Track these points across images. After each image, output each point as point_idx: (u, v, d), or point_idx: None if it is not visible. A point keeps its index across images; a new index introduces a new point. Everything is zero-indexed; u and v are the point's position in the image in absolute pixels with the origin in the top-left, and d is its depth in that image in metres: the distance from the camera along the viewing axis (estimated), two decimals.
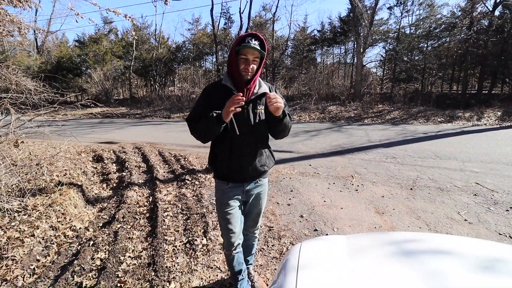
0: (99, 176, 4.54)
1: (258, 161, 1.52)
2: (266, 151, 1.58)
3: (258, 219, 1.75)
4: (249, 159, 1.49)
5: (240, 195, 1.57)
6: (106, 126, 11.30)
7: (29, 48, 23.62)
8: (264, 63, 1.46)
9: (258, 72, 1.42)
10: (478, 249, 1.04)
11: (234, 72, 1.41)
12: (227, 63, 1.52)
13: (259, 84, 1.48)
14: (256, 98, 1.46)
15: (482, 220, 2.76)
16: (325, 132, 8.30)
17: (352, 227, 2.71)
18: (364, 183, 3.88)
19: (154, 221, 2.83)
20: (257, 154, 1.52)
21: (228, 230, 1.56)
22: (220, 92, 1.43)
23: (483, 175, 4.01)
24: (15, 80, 4.28)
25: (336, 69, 19.96)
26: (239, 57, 1.36)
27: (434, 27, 15.35)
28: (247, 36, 1.33)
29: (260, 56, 1.39)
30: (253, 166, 1.50)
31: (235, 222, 1.57)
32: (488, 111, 10.26)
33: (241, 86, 1.41)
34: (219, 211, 1.58)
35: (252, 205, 1.67)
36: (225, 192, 1.54)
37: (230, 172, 1.48)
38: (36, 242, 2.52)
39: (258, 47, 1.32)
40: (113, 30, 24.09)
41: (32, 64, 20.20)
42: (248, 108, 1.44)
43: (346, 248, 1.13)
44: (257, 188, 1.61)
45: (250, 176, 1.53)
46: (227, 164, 1.47)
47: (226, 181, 1.52)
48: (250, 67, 1.36)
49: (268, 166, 1.59)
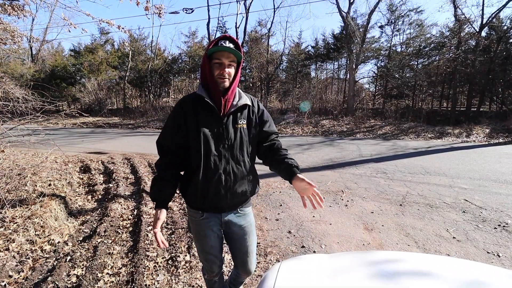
0: (85, 188, 4.41)
1: (239, 186, 1.28)
2: (249, 175, 1.32)
3: (247, 259, 1.43)
4: (228, 184, 1.25)
5: (218, 226, 1.34)
6: (97, 136, 11.15)
7: (23, 56, 23.55)
8: (241, 68, 1.30)
9: (236, 78, 1.25)
10: (460, 271, 1.01)
11: (208, 81, 1.22)
12: (200, 72, 1.33)
13: (239, 95, 1.30)
14: (236, 110, 1.27)
15: (471, 238, 2.74)
16: (317, 146, 8.33)
17: (340, 244, 2.65)
18: (354, 198, 3.85)
19: (137, 235, 2.73)
20: (237, 177, 1.27)
21: (207, 260, 1.40)
22: (195, 104, 1.24)
23: (471, 191, 4.02)
24: (3, 88, 4.22)
25: (330, 84, 20.37)
26: (213, 63, 1.19)
27: (424, 46, 15.91)
28: (220, 39, 1.18)
29: (237, 60, 1.22)
30: (232, 192, 1.26)
31: (215, 252, 1.38)
32: (476, 128, 10.48)
33: (218, 96, 1.22)
34: (196, 242, 1.40)
35: (236, 242, 1.39)
36: (200, 224, 1.32)
37: (205, 201, 1.25)
38: (10, 256, 2.39)
39: (233, 48, 1.16)
40: (110, 41, 24.29)
41: (26, 72, 20.08)
42: (227, 122, 1.25)
43: (326, 268, 1.09)
44: (239, 220, 1.35)
45: (229, 205, 1.30)
46: (201, 191, 1.23)
47: (200, 211, 1.30)
48: (226, 72, 1.18)
49: (250, 193, 1.34)
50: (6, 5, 4.20)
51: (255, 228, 1.49)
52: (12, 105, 3.96)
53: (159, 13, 4.14)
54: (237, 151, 1.27)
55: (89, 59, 21.18)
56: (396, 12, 16.25)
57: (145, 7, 3.97)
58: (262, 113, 1.37)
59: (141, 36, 23.65)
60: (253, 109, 1.33)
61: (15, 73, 18.46)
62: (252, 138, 1.33)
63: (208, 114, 1.23)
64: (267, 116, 1.39)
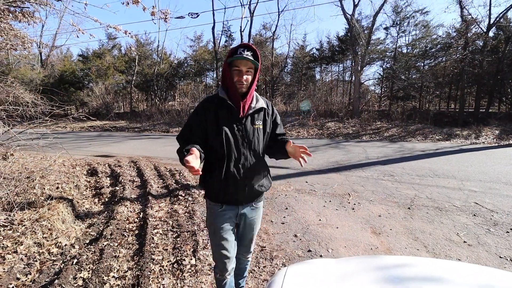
0: (92, 190, 4.46)
1: (256, 181, 1.41)
2: (264, 171, 1.48)
3: (251, 244, 1.64)
4: (245, 179, 1.37)
5: (233, 218, 1.45)
6: (104, 139, 11.28)
7: (33, 61, 24.07)
8: (259, 74, 1.42)
9: (253, 84, 1.36)
10: (471, 276, 0.98)
11: (228, 85, 1.35)
12: (221, 77, 1.46)
13: (256, 98, 1.42)
14: (253, 112, 1.39)
15: (482, 242, 2.67)
16: (323, 149, 8.28)
17: (348, 248, 2.61)
18: (360, 201, 3.80)
19: (143, 238, 2.73)
20: (255, 174, 1.41)
21: (222, 255, 1.45)
22: (216, 104, 1.36)
23: (482, 194, 3.93)
24: (13, 92, 4.31)
25: (335, 86, 20.28)
26: (232, 69, 1.31)
27: (430, 47, 15.73)
28: (239, 47, 1.29)
29: (254, 67, 1.34)
30: (250, 187, 1.39)
31: (230, 247, 1.46)
32: (486, 130, 10.29)
33: (237, 99, 1.34)
34: (212, 236, 1.47)
35: (245, 230, 1.55)
36: (218, 216, 1.42)
37: (225, 194, 1.37)
38: (18, 259, 2.42)
39: (251, 57, 1.27)
40: (117, 46, 24.66)
41: (35, 77, 20.49)
42: (245, 123, 1.37)
43: (333, 273, 1.07)
44: (252, 213, 1.50)
45: (246, 198, 1.43)
46: (222, 185, 1.35)
47: (219, 203, 1.41)
48: (243, 78, 1.30)
49: (266, 187, 1.48)
50: (17, 12, 4.30)
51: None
52: (22, 109, 4.03)
53: (165, 18, 4.18)
54: (254, 148, 1.39)
55: (97, 64, 21.54)
56: (401, 13, 16.15)
57: (151, 12, 4.01)
58: (276, 116, 1.52)
59: (147, 41, 24.04)
60: (268, 111, 1.47)
61: (25, 78, 18.86)
62: (266, 138, 1.47)
63: (228, 114, 1.35)
64: (279, 119, 1.55)
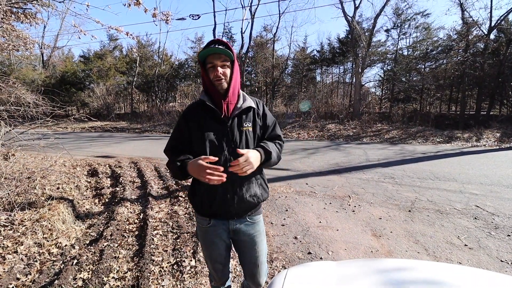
0: (92, 191, 4.46)
1: (246, 190, 1.25)
2: (257, 178, 1.31)
3: (257, 271, 1.37)
4: (235, 188, 1.23)
5: (225, 234, 1.31)
6: (105, 140, 11.30)
7: (35, 62, 24.14)
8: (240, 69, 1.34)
9: (234, 78, 1.23)
10: (472, 280, 0.98)
11: (208, 87, 1.24)
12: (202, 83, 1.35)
13: (243, 98, 1.29)
14: (240, 113, 1.25)
15: (483, 246, 2.66)
16: (323, 150, 8.27)
17: (348, 251, 2.60)
18: (361, 203, 3.79)
19: (143, 239, 2.73)
20: (244, 181, 1.25)
21: (215, 269, 1.39)
22: (198, 110, 1.27)
23: (483, 197, 3.92)
24: (15, 93, 4.32)
25: (335, 88, 20.28)
26: (207, 67, 1.20)
27: (431, 49, 15.75)
28: (209, 44, 1.21)
29: (230, 61, 1.22)
30: (240, 198, 1.24)
31: (222, 260, 1.36)
32: (487, 132, 10.27)
33: (219, 99, 1.22)
34: (204, 250, 1.38)
35: (245, 251, 1.35)
36: (207, 231, 1.30)
37: (212, 206, 1.24)
38: (18, 259, 2.42)
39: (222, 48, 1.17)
40: (118, 47, 24.77)
41: (37, 77, 20.57)
42: (231, 125, 1.23)
43: (334, 276, 1.06)
44: (248, 229, 1.31)
45: (237, 210, 1.26)
46: (209, 196, 1.23)
47: (207, 218, 1.29)
48: (220, 72, 1.18)
49: (260, 198, 1.30)
50: (19, 13, 4.33)
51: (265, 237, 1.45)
52: (23, 110, 4.04)
53: (166, 20, 4.20)
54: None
55: (98, 65, 21.62)
56: (402, 15, 16.18)
57: (152, 13, 4.03)
58: (266, 117, 1.35)
59: (148, 42, 24.13)
60: (258, 111, 1.33)
61: (26, 79, 18.92)
62: (258, 141, 1.32)
63: (211, 118, 1.23)
64: (270, 120, 1.37)
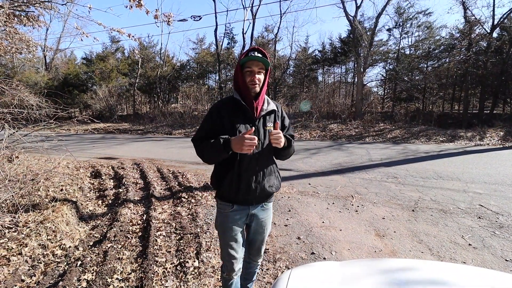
0: (96, 192, 4.48)
1: (267, 181, 1.46)
2: (275, 171, 1.54)
3: (261, 247, 1.65)
4: (258, 179, 1.42)
5: (244, 218, 1.48)
6: (108, 141, 11.35)
7: (37, 64, 24.33)
8: (269, 77, 1.45)
9: (265, 85, 1.42)
10: (477, 280, 0.97)
11: (241, 87, 1.39)
12: (233, 81, 1.50)
13: (267, 101, 1.47)
14: (265, 114, 1.44)
15: (487, 245, 2.64)
16: (326, 150, 8.26)
17: (351, 251, 2.60)
18: (364, 203, 3.78)
19: (146, 240, 2.74)
20: (266, 174, 1.46)
21: (230, 256, 1.48)
22: (230, 105, 1.42)
23: (487, 196, 3.90)
24: (18, 95, 4.36)
25: (337, 88, 20.24)
26: (245, 71, 1.36)
27: (433, 48, 15.69)
28: (250, 50, 1.37)
29: (265, 68, 1.39)
30: (262, 187, 1.43)
31: (238, 248, 1.49)
32: (490, 131, 10.21)
33: (250, 101, 1.39)
34: (222, 236, 1.50)
35: (256, 232, 1.57)
36: (229, 216, 1.45)
37: (237, 194, 1.40)
38: (23, 261, 2.43)
39: (261, 57, 1.35)
40: (120, 49, 24.85)
41: (40, 80, 20.71)
42: (258, 124, 1.42)
43: (337, 276, 1.06)
44: (262, 213, 1.52)
45: (257, 198, 1.46)
46: (235, 185, 1.39)
47: (230, 203, 1.44)
48: (256, 78, 1.35)
49: (276, 188, 1.52)
50: (22, 16, 4.37)
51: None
52: (26, 112, 4.07)
53: (168, 21, 4.21)
54: (266, 150, 1.44)
55: (101, 67, 21.72)
56: (404, 14, 16.13)
57: (154, 15, 4.04)
58: (284, 119, 1.57)
59: (150, 43, 24.19)
60: (278, 114, 1.52)
61: (29, 81, 19.07)
62: None
63: (242, 115, 1.40)
64: (287, 122, 1.59)
